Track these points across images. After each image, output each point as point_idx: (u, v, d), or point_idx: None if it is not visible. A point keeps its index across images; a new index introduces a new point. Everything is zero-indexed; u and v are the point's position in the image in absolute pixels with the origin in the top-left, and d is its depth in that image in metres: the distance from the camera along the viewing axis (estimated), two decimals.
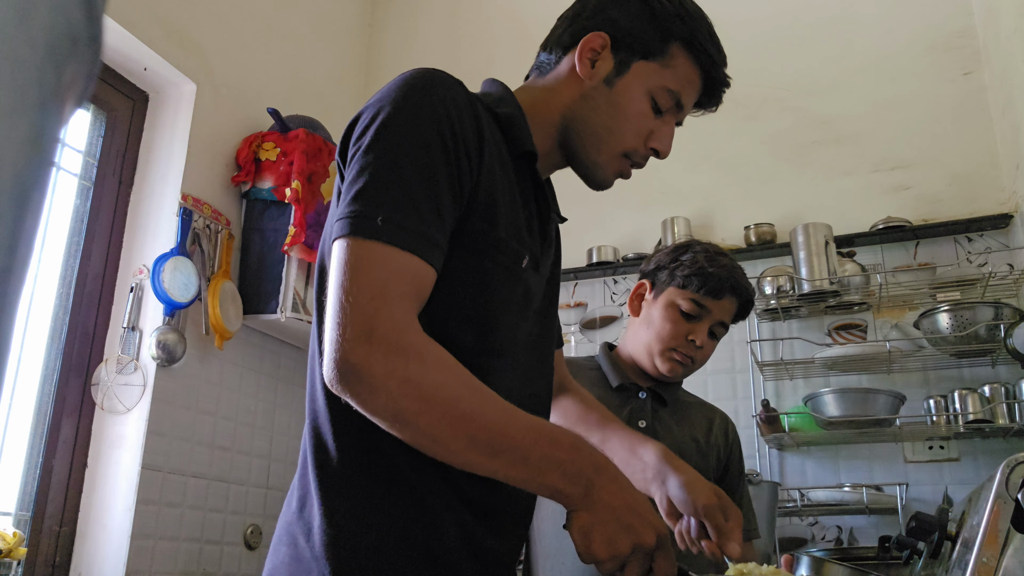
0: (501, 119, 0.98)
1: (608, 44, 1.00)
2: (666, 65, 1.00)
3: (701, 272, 1.53)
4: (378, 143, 0.83)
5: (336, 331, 0.76)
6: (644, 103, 1.00)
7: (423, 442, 0.78)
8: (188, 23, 2.60)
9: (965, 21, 2.86)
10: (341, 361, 0.75)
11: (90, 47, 0.28)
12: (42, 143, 0.25)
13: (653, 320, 1.57)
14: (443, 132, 0.85)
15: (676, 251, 1.60)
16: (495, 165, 0.91)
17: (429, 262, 0.81)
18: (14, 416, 2.13)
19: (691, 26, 1.00)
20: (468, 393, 0.78)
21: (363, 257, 0.78)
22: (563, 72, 1.02)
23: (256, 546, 2.63)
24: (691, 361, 1.56)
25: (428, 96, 0.86)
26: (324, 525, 0.85)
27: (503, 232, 0.90)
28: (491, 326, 0.91)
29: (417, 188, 0.82)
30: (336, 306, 0.77)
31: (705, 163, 3.01)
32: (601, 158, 1.01)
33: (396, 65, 3.69)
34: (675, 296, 1.55)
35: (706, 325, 1.55)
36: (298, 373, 2.91)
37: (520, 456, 0.79)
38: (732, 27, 3.27)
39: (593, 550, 0.80)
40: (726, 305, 1.55)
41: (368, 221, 0.79)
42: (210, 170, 2.62)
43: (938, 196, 2.72)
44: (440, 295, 0.86)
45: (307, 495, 0.88)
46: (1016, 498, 0.91)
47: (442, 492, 0.87)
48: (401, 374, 0.75)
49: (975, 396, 2.37)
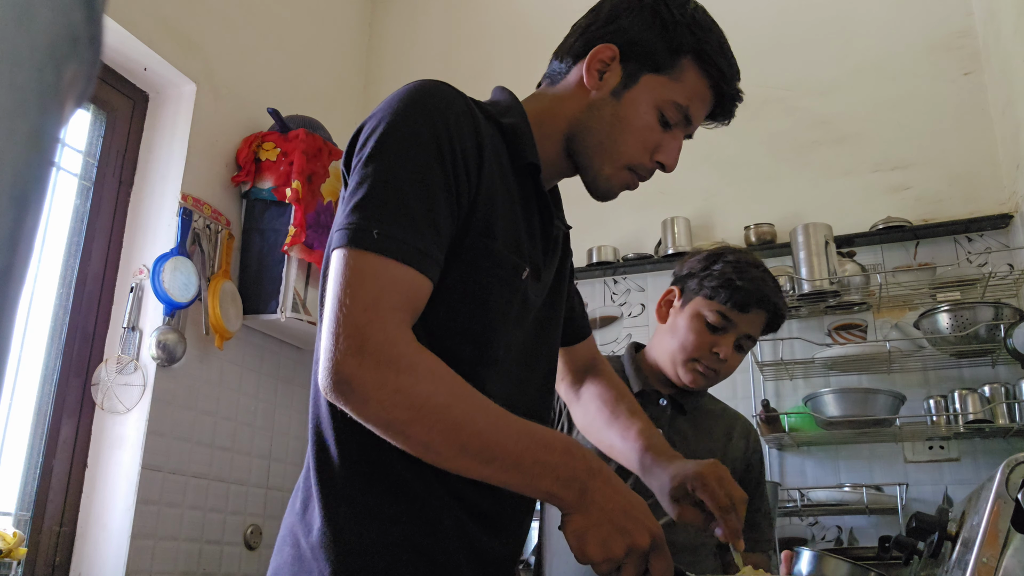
0: (505, 129, 0.97)
1: (617, 56, 0.99)
2: (676, 79, 0.99)
3: (729, 284, 1.49)
4: (377, 156, 0.85)
5: (330, 340, 0.78)
6: (651, 116, 0.99)
7: (416, 450, 0.80)
8: (188, 23, 2.60)
9: (965, 21, 2.86)
10: (334, 372, 0.77)
11: (90, 47, 0.28)
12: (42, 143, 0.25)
13: (678, 329, 1.54)
14: (442, 145, 0.85)
15: (708, 259, 1.56)
16: (495, 177, 0.91)
17: (424, 274, 0.82)
18: (14, 416, 2.13)
19: (702, 39, 0.99)
20: (458, 402, 0.80)
21: (358, 268, 0.80)
22: (572, 82, 1.02)
23: (256, 546, 2.63)
24: (714, 373, 1.53)
25: (428, 109, 0.87)
26: (324, 526, 0.86)
27: (501, 245, 0.91)
28: (489, 337, 0.91)
29: (414, 201, 0.82)
30: (330, 316, 0.79)
31: (705, 163, 3.01)
32: (605, 170, 1.01)
33: (396, 65, 3.69)
34: (702, 306, 1.52)
35: (732, 338, 1.51)
36: (298, 373, 2.91)
37: (512, 462, 0.80)
38: (732, 27, 3.26)
39: (587, 552, 0.81)
40: (753, 318, 1.52)
41: (365, 233, 0.80)
42: (210, 170, 2.62)
43: (938, 196, 2.73)
44: (438, 307, 0.87)
45: (309, 496, 0.89)
46: (1016, 498, 0.91)
47: (440, 494, 0.88)
48: (392, 385, 0.77)
49: (975, 396, 2.37)
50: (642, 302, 2.99)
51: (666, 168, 1.03)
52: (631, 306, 3.00)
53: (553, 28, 1.13)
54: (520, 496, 0.96)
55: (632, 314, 2.99)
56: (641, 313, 2.98)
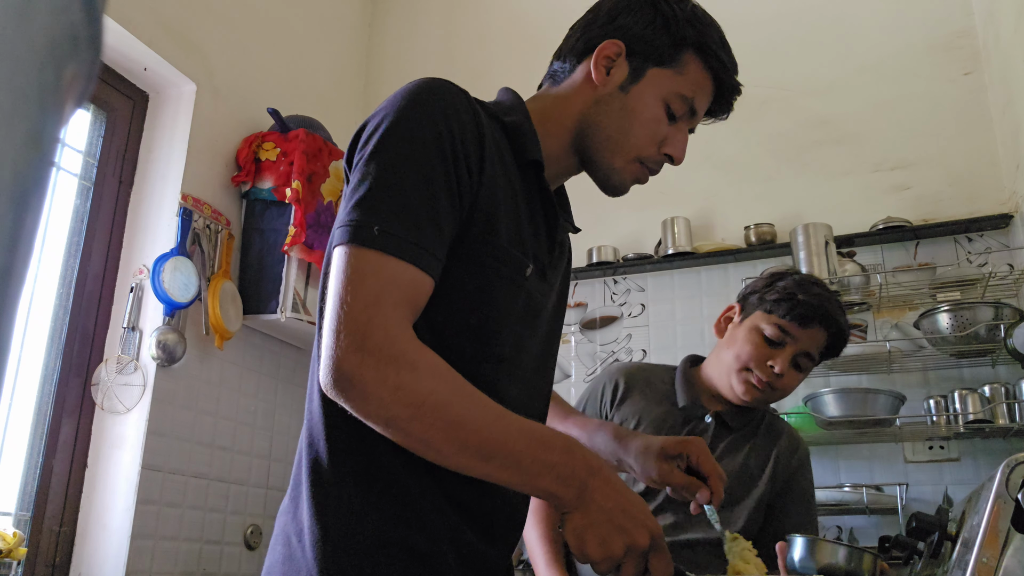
0: (508, 128, 0.99)
1: (623, 51, 1.01)
2: (679, 72, 1.01)
3: (791, 298, 1.49)
4: (379, 153, 0.85)
5: (331, 338, 0.78)
6: (658, 109, 1.01)
7: (416, 447, 0.80)
8: (188, 23, 2.60)
9: (965, 21, 2.86)
10: (335, 368, 0.78)
11: (90, 47, 0.28)
12: (42, 143, 0.25)
13: (736, 340, 1.54)
14: (443, 143, 0.86)
15: (772, 277, 1.56)
16: (497, 175, 0.92)
17: (425, 271, 0.83)
18: (14, 416, 2.13)
19: (703, 32, 1.01)
20: (459, 399, 0.80)
21: (359, 266, 0.80)
22: (578, 79, 1.03)
23: (256, 546, 2.63)
24: (770, 389, 1.50)
25: (430, 107, 0.87)
26: (313, 526, 0.86)
27: (504, 242, 0.91)
28: (491, 334, 0.92)
29: (415, 198, 0.83)
30: (332, 313, 0.80)
31: (705, 163, 3.01)
32: (616, 163, 1.02)
33: (396, 65, 3.69)
34: (760, 320, 1.52)
35: (789, 353, 1.49)
36: (298, 373, 2.91)
37: (512, 460, 0.80)
38: (733, 27, 3.26)
39: (587, 551, 0.81)
40: (813, 334, 1.49)
41: (365, 230, 0.81)
42: (210, 170, 2.62)
43: (938, 196, 2.72)
44: (441, 304, 0.87)
45: (299, 495, 0.89)
46: (1016, 498, 0.91)
47: (432, 496, 0.88)
48: (392, 382, 0.77)
49: (975, 396, 2.37)
50: (642, 302, 2.99)
51: (674, 160, 1.04)
52: (631, 306, 3.00)
53: (553, 28, 1.13)
54: (514, 501, 0.97)
55: (632, 314, 2.99)
56: (641, 313, 2.98)
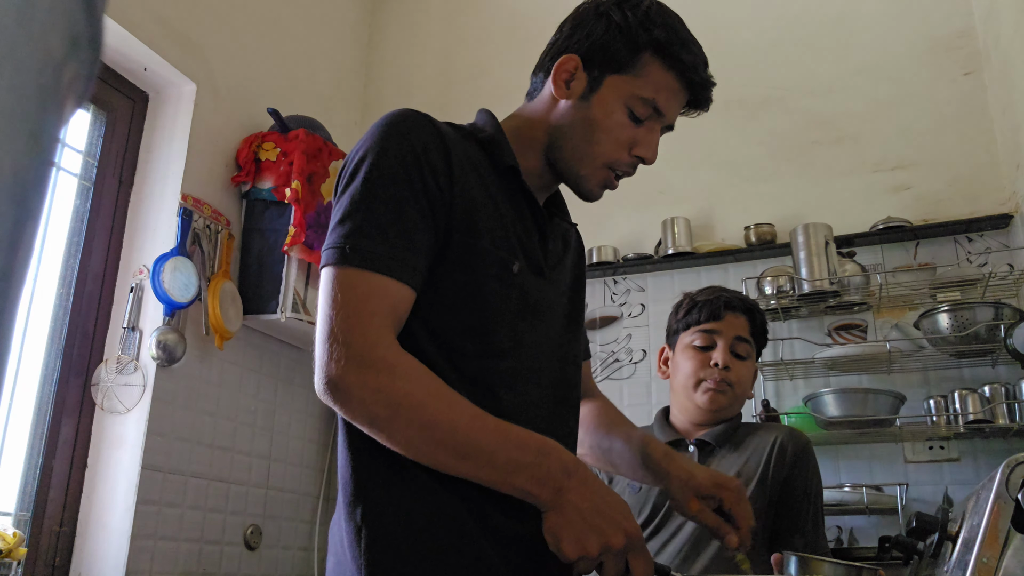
0: (483, 142, 1.06)
1: (580, 64, 1.06)
2: (638, 75, 1.04)
3: (693, 305, 1.65)
4: (352, 182, 0.94)
5: (320, 348, 0.87)
6: (621, 114, 1.05)
7: (399, 446, 0.87)
8: (188, 23, 2.60)
9: (965, 21, 2.86)
10: (324, 377, 0.87)
11: (90, 47, 0.28)
12: (42, 143, 0.25)
13: (679, 367, 1.65)
14: (407, 165, 0.94)
15: (675, 307, 1.71)
16: (471, 184, 0.98)
17: (401, 280, 0.90)
18: (14, 416, 2.13)
19: (657, 35, 1.04)
20: (434, 400, 0.86)
21: (337, 283, 0.89)
22: (546, 96, 1.09)
23: (256, 546, 2.63)
24: (727, 386, 1.59)
25: (395, 135, 0.96)
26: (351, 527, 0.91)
27: (487, 243, 0.98)
28: (488, 331, 0.97)
29: (384, 217, 0.91)
30: (319, 326, 0.89)
31: (705, 163, 3.01)
32: (583, 171, 1.07)
33: (396, 65, 3.69)
34: (685, 339, 1.65)
35: (723, 347, 1.60)
36: (298, 373, 2.91)
37: (486, 459, 0.86)
38: (733, 27, 3.27)
39: (562, 549, 0.86)
40: (731, 321, 1.61)
41: (339, 251, 0.90)
42: (210, 170, 2.62)
43: (938, 196, 2.72)
44: (438, 307, 0.95)
45: (339, 502, 0.96)
46: (1016, 498, 0.91)
47: (458, 484, 0.91)
48: (372, 385, 0.85)
49: (975, 396, 2.37)
50: (642, 302, 2.99)
51: (646, 161, 1.08)
52: (631, 306, 3.00)
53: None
54: None
55: (632, 314, 2.99)
56: (641, 313, 2.98)
